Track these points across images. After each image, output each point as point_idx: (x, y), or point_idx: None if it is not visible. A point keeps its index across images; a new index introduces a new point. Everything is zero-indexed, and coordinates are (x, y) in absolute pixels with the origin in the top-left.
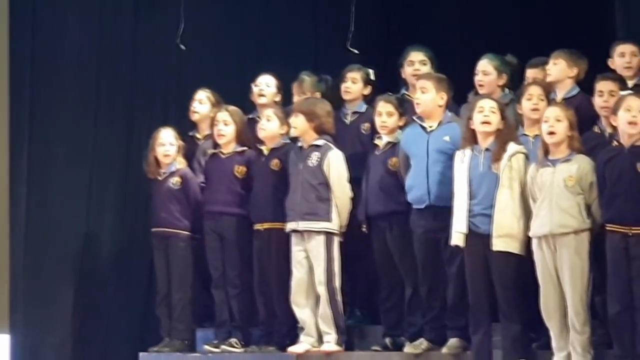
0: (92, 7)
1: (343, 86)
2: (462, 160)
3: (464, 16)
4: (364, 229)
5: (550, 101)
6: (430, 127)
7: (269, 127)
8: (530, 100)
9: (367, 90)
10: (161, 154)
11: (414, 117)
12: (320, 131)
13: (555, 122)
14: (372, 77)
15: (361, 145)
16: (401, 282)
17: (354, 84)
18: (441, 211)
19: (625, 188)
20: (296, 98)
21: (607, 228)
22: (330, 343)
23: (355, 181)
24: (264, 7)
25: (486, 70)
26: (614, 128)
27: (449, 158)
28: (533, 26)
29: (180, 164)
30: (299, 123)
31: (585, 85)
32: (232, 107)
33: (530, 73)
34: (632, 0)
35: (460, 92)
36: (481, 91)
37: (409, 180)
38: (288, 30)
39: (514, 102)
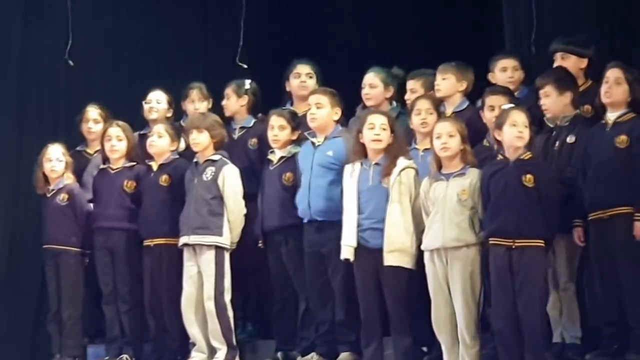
0: None
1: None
2: (351, 175)
3: (352, 31)
4: (260, 245)
5: (440, 114)
6: (319, 142)
7: (159, 143)
8: (419, 115)
9: (243, 101)
10: (48, 170)
11: (306, 133)
12: (218, 146)
13: (448, 138)
14: (247, 86)
15: (249, 160)
16: (295, 297)
17: (227, 100)
18: (323, 225)
19: (509, 201)
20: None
21: (491, 242)
22: (219, 359)
23: (245, 197)
24: (153, 22)
25: (373, 83)
26: (499, 142)
27: (334, 173)
28: (418, 40)
29: (68, 179)
30: (203, 139)
31: (472, 95)
32: (122, 123)
33: (410, 85)
34: (519, 12)
35: (347, 106)
36: (368, 104)
37: (297, 195)
38: (178, 45)
39: (402, 114)
